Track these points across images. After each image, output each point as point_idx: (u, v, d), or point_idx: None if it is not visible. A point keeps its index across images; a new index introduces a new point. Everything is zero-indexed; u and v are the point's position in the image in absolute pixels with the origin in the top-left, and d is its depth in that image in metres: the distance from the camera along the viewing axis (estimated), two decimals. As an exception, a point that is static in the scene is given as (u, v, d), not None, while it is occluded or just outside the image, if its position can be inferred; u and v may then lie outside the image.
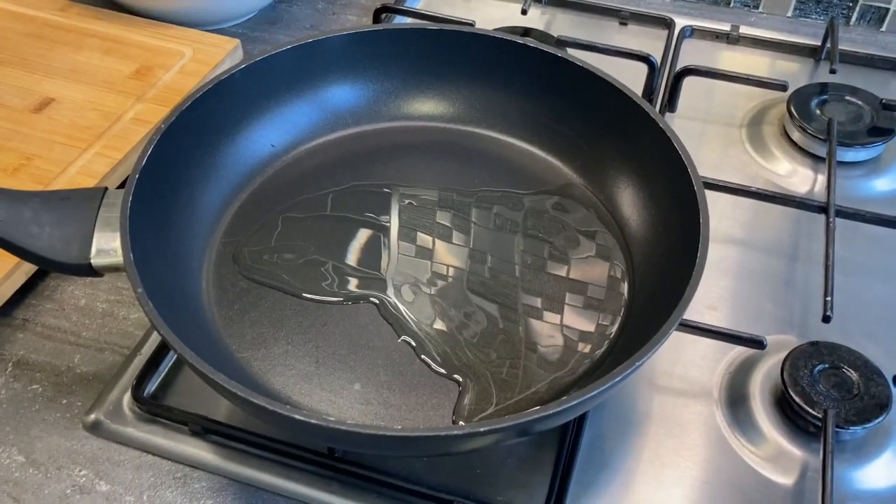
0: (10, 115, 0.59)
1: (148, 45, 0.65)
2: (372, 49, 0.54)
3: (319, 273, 0.48)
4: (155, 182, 0.45)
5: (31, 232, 0.41)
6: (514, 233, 0.50)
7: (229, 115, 0.50)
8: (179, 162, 0.47)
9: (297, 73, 0.53)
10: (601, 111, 0.52)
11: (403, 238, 0.50)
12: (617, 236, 0.50)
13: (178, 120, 0.47)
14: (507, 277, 0.48)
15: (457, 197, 0.52)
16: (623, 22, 0.74)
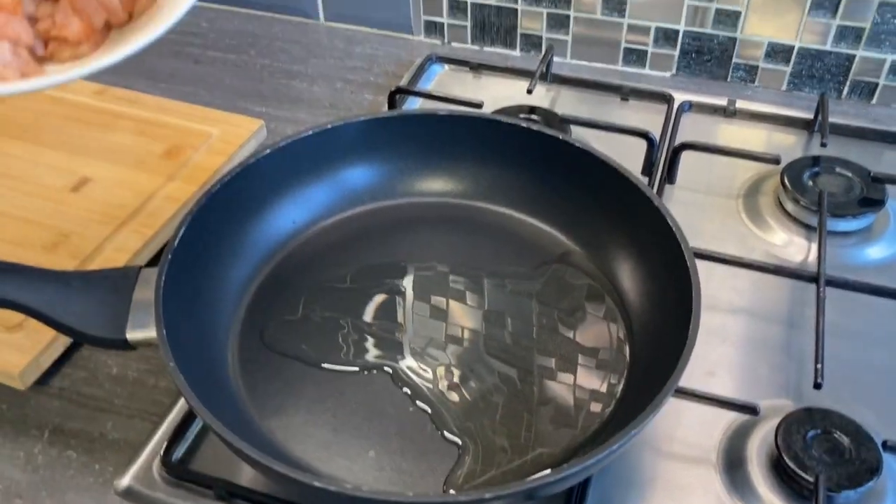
0: (50, 194, 0.63)
1: (178, 126, 0.70)
2: (386, 133, 0.58)
3: (337, 343, 0.51)
4: (186, 260, 0.48)
5: (73, 310, 0.45)
6: (521, 298, 0.54)
7: (255, 195, 0.54)
8: (208, 241, 0.51)
9: (317, 155, 0.57)
10: (600, 188, 0.56)
11: (416, 307, 0.53)
12: (617, 303, 0.53)
13: (208, 202, 0.51)
14: (517, 341, 0.51)
15: (466, 267, 0.56)
16: (624, 98, 0.78)
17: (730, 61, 0.79)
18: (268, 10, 0.92)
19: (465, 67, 0.82)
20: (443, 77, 0.82)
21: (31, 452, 0.51)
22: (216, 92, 0.81)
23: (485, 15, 0.84)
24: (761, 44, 0.77)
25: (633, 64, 0.82)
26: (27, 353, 0.52)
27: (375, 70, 0.84)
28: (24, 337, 0.53)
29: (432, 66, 0.82)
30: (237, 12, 0.93)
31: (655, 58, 0.81)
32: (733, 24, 0.77)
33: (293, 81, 0.83)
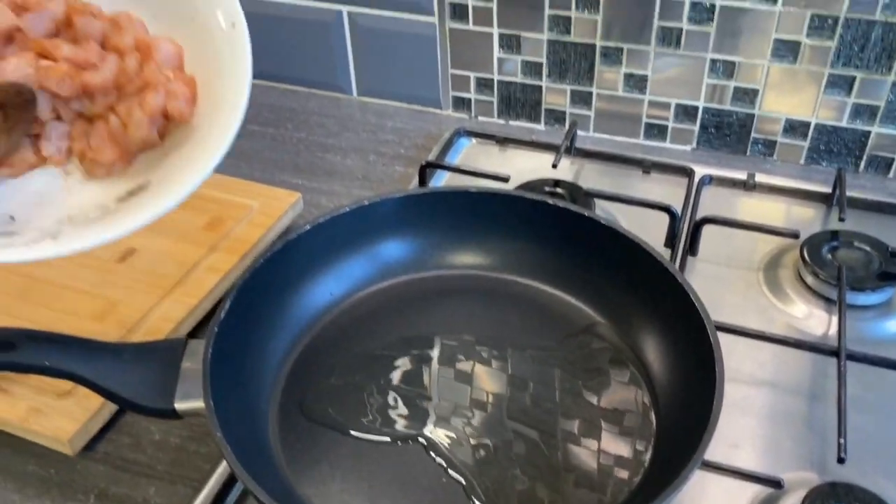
0: (99, 265, 0.66)
1: (219, 198, 0.73)
2: (420, 208, 0.62)
3: (371, 413, 0.53)
4: (230, 333, 0.51)
5: (124, 380, 0.48)
6: (547, 368, 0.55)
7: (296, 269, 0.57)
8: (251, 314, 0.54)
9: (354, 230, 0.60)
10: (625, 263, 0.58)
11: (445, 377, 0.55)
12: (642, 373, 0.55)
13: (252, 276, 0.54)
14: (544, 409, 0.53)
15: (494, 337, 0.58)
16: (646, 171, 0.81)
17: (748, 136, 0.82)
18: (304, 86, 0.96)
19: (492, 141, 0.86)
20: (470, 150, 0.86)
21: (77, 517, 0.54)
22: (255, 164, 0.84)
23: (510, 91, 0.87)
24: (779, 120, 0.80)
25: (655, 137, 0.85)
26: (76, 420, 0.55)
27: (406, 143, 0.88)
28: (74, 404, 0.55)
29: (460, 140, 0.86)
30: (275, 87, 0.97)
31: (676, 132, 0.84)
32: (751, 100, 0.80)
33: (328, 154, 0.86)
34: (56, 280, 0.65)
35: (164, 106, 0.46)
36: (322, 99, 0.95)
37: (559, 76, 0.84)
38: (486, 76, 0.87)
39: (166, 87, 0.46)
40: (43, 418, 0.55)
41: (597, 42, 0.81)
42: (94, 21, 0.46)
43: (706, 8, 0.75)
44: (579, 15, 0.79)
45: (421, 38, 0.87)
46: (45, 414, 0.55)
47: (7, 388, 0.56)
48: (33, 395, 0.56)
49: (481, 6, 0.82)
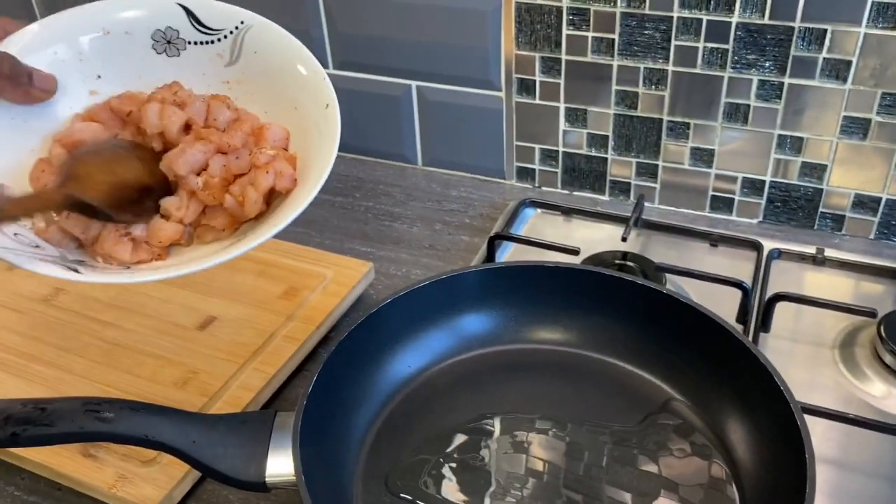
0: (180, 333, 0.68)
1: (294, 267, 0.75)
2: (495, 283, 0.63)
3: (448, 486, 0.53)
4: (317, 406, 0.52)
5: (217, 453, 0.49)
6: (629, 449, 0.55)
7: (377, 342, 0.59)
8: (336, 387, 0.55)
9: (434, 303, 0.61)
10: (702, 340, 0.58)
11: (527, 457, 0.55)
12: (724, 457, 0.55)
13: (337, 350, 0.55)
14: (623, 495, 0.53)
15: (572, 416, 0.58)
16: (713, 244, 0.82)
17: (816, 210, 0.82)
18: (371, 156, 0.99)
19: (557, 212, 0.87)
20: (535, 220, 0.87)
21: (159, 585, 0.54)
22: (325, 233, 0.87)
23: (575, 162, 0.89)
24: (847, 195, 0.80)
25: (721, 210, 0.86)
26: (162, 488, 0.55)
27: (471, 212, 0.89)
28: (159, 471, 0.57)
29: (525, 210, 0.87)
30: (343, 157, 0.99)
31: (742, 205, 0.85)
32: (819, 176, 0.80)
33: (395, 223, 0.88)
34: (137, 346, 0.67)
35: (273, 184, 0.52)
36: (389, 168, 0.98)
37: (625, 148, 0.86)
38: (551, 148, 0.89)
39: (275, 168, 0.52)
40: (129, 485, 0.56)
41: (663, 117, 0.82)
42: (227, 111, 0.54)
43: (774, 85, 0.76)
44: (646, 91, 0.81)
45: (487, 112, 0.89)
46: (130, 481, 0.56)
47: (94, 453, 0.57)
48: (119, 462, 0.57)
49: (549, 81, 0.84)
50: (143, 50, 0.57)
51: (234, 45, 0.58)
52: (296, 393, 0.66)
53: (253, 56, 0.57)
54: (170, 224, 0.52)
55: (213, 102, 0.54)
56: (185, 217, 0.52)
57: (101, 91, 0.56)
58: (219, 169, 0.52)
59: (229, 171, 0.52)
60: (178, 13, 0.57)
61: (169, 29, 0.57)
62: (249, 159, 0.53)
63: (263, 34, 0.57)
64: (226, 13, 0.58)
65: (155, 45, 0.58)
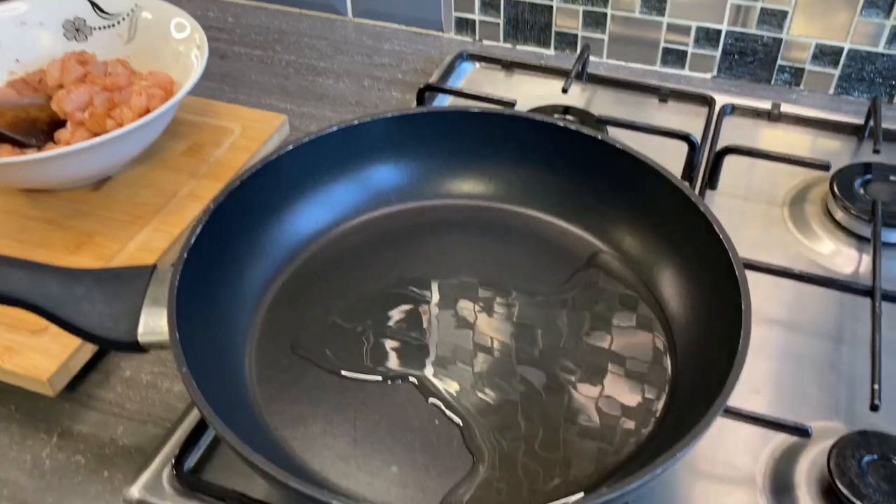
0: (70, 195, 0.61)
1: (198, 122, 0.67)
2: (414, 130, 0.56)
3: (359, 351, 0.49)
4: (202, 260, 0.46)
5: (81, 309, 0.43)
6: (555, 307, 0.51)
7: (275, 194, 0.52)
8: (227, 240, 0.49)
9: (342, 153, 0.54)
10: (641, 192, 0.53)
11: (442, 317, 0.50)
12: (658, 314, 0.50)
13: (227, 200, 0.48)
14: (548, 352, 0.48)
15: (496, 274, 0.53)
16: (663, 99, 0.75)
17: (774, 63, 0.76)
18: (295, 6, 0.90)
19: (497, 66, 0.80)
20: (473, 75, 0.80)
21: (38, 456, 0.49)
22: (241, 88, 0.79)
23: (518, 12, 0.81)
24: (808, 45, 0.74)
25: (672, 65, 0.79)
26: (55, 358, 0.50)
27: (404, 67, 0.82)
28: (50, 340, 0.51)
29: (463, 64, 0.80)
30: (264, 7, 0.91)
31: (696, 59, 0.78)
32: (779, 24, 0.73)
33: (319, 78, 0.80)
34: (21, 211, 0.60)
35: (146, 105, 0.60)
36: (314, 20, 0.89)
37: (571, -4, 0.78)
38: (491, -5, 0.81)
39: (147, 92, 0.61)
40: (18, 357, 0.50)
41: (613, -43, 0.74)
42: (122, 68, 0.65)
43: (734, -83, 0.68)
44: (594, -74, 0.73)
45: (422, -47, 0.80)
46: (19, 353, 0.50)
47: (-25, 326, 0.52)
48: (5, 333, 0.51)
49: (487, -84, 0.75)
50: (55, 37, 0.68)
51: (131, 25, 0.69)
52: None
53: (145, 31, 0.68)
54: (59, 147, 0.58)
55: (111, 62, 0.65)
56: (72, 142, 0.59)
57: (18, 72, 0.66)
58: (102, 102, 0.60)
59: (112, 104, 0.60)
60: (84, 4, 0.69)
61: (77, 18, 0.69)
62: (130, 91, 0.61)
63: (152, 10, 0.68)
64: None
65: (66, 32, 0.69)
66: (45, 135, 0.61)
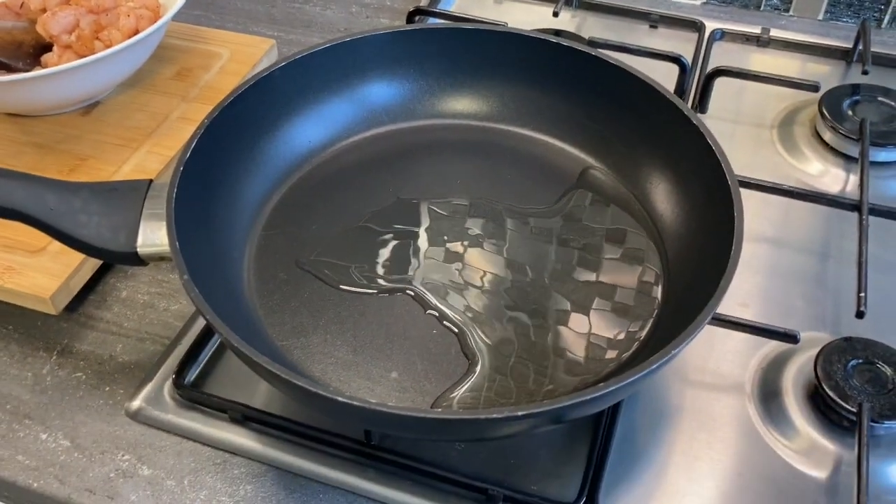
0: (59, 119, 0.61)
1: (186, 47, 0.67)
2: (408, 48, 0.55)
3: (356, 265, 0.49)
4: (198, 175, 0.46)
5: (79, 221, 0.43)
6: (546, 232, 0.51)
7: (269, 111, 0.52)
8: (221, 156, 0.48)
9: (334, 71, 0.54)
10: (634, 108, 0.53)
11: (436, 233, 0.51)
12: (651, 232, 0.51)
13: (220, 116, 0.48)
14: (541, 263, 0.49)
15: (489, 196, 0.53)
16: (653, 25, 0.75)
17: (764, -12, 0.76)
18: (280, -68, 0.88)
19: (487, -8, 0.79)
20: (462, 3, 0.79)
21: (38, 373, 0.50)
22: (227, 16, 0.77)
23: (507, -62, 0.80)
24: (798, -31, 0.74)
25: (662, -9, 0.79)
26: (56, 276, 0.50)
27: (392, -6, 0.81)
28: (50, 259, 0.51)
29: (452, -9, 0.79)
30: (248, -66, 0.89)
31: (686, -16, 0.78)
32: (770, -53, 0.73)
33: (306, 6, 0.79)
34: (12, 136, 0.60)
35: (135, 26, 0.60)
36: (300, -53, 0.87)
37: (560, -80, 0.77)
38: (480, -80, 0.79)
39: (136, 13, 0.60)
40: (18, 276, 0.50)
41: None
42: None
43: None
44: None
45: None
46: (19, 272, 0.50)
47: (-32, 247, 0.51)
48: (4, 255, 0.51)
49: None
50: None
51: None
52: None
53: None
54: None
55: None
56: (59, 65, 0.57)
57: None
58: (88, 24, 0.59)
59: (99, 26, 0.59)
60: None
61: None
62: (117, 13, 0.60)
63: None
64: None
65: None
66: (32, 58, 0.60)
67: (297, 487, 0.44)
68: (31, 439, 0.47)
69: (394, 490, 0.44)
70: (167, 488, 0.44)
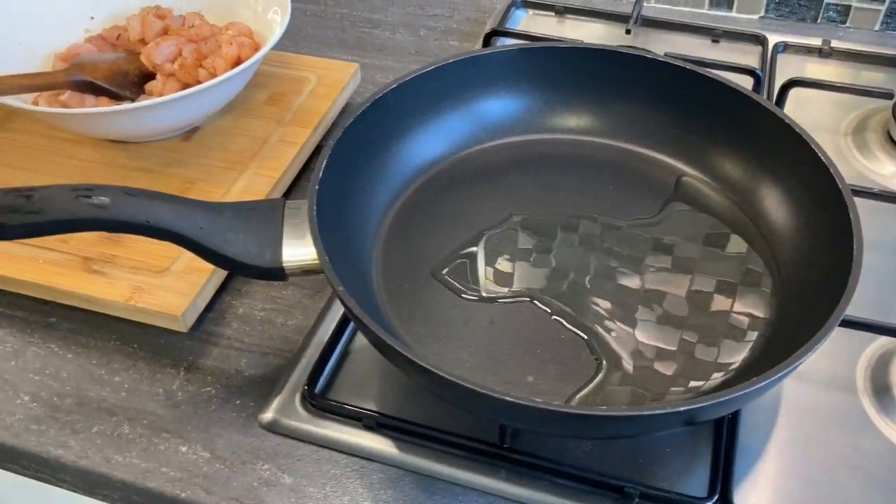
0: (163, 144, 0.63)
1: (275, 73, 0.69)
2: (529, 65, 0.58)
3: (478, 275, 0.51)
4: (328, 191, 0.48)
5: (228, 239, 0.45)
6: (655, 241, 0.53)
7: (394, 124, 0.55)
8: (348, 173, 0.51)
9: (457, 85, 0.57)
10: (732, 119, 0.55)
11: (548, 243, 0.53)
12: (759, 240, 0.53)
13: (344, 136, 0.50)
14: (657, 271, 0.51)
15: (595, 207, 0.55)
16: (715, 39, 0.78)
17: (821, 2, 0.78)
18: (341, -39, 0.91)
19: (550, 12, 0.81)
20: (527, 22, 0.81)
21: (169, 389, 0.51)
22: (301, 42, 0.80)
23: (567, -40, 0.83)
24: (855, -18, 0.76)
25: (720, 7, 0.81)
26: (184, 295, 0.52)
27: (457, 17, 0.83)
28: (176, 279, 0.53)
29: (516, 11, 0.82)
30: (309, -37, 0.91)
31: (743, 0, 0.80)
32: (828, -38, 0.75)
33: (375, 30, 0.82)
34: (119, 161, 0.62)
35: (238, 54, 0.62)
36: (362, -26, 0.90)
37: (620, -59, 0.80)
38: (540, -57, 0.82)
39: (237, 41, 0.63)
40: (148, 296, 0.52)
41: None
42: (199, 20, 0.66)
43: None
44: None
45: None
46: (148, 292, 0.52)
47: (101, 269, 0.53)
48: (130, 275, 0.53)
49: None
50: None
51: None
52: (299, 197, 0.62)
53: None
54: (152, 98, 0.60)
55: (187, 15, 0.66)
56: (164, 93, 0.60)
57: (93, 30, 0.68)
58: (190, 53, 0.62)
59: (200, 54, 0.62)
60: None
61: None
62: (217, 42, 0.63)
63: None
64: None
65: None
66: (137, 87, 0.62)
67: (436, 490, 0.46)
68: (171, 452, 0.48)
69: (530, 490, 0.45)
70: (310, 495, 0.46)
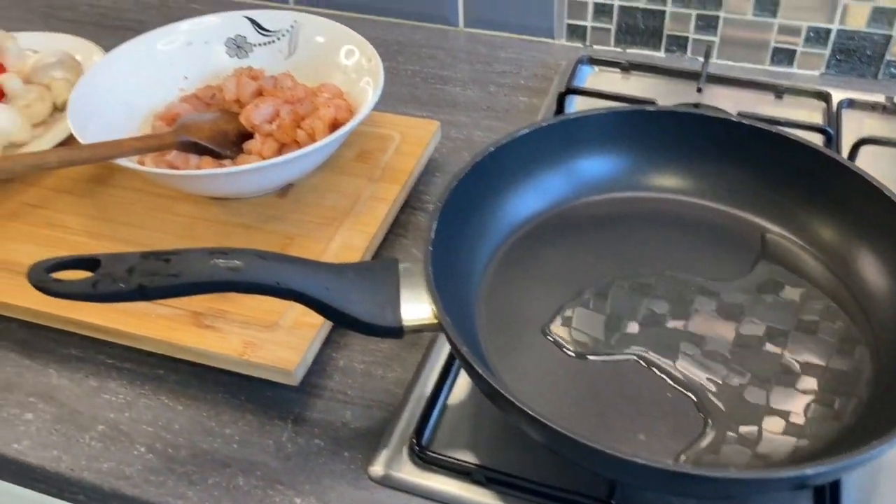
0: (259, 201, 0.65)
1: (361, 131, 0.71)
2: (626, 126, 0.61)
3: (582, 332, 0.53)
4: (438, 251, 0.50)
5: (351, 299, 0.47)
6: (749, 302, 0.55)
7: (493, 184, 0.57)
8: (453, 233, 0.52)
9: (556, 145, 0.60)
10: (813, 178, 0.57)
11: (645, 300, 0.55)
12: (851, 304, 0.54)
13: (450, 197, 0.53)
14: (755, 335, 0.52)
15: (685, 266, 0.57)
16: (779, 96, 0.80)
17: (882, 59, 0.80)
18: (408, 19, 0.94)
19: (616, 68, 0.84)
20: (593, 79, 0.84)
21: (279, 441, 0.53)
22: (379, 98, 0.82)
23: (630, 17, 0.85)
24: (916, 41, 0.78)
25: (781, 63, 0.84)
26: (295, 350, 0.54)
27: (524, 73, 0.86)
28: (286, 334, 0.55)
29: (582, 68, 0.84)
30: (378, 21, 0.95)
31: (804, 57, 0.83)
32: (889, 21, 0.78)
33: (446, 86, 0.85)
34: (219, 218, 0.64)
35: (334, 115, 0.65)
36: (428, 31, 0.93)
37: (683, 1, 0.82)
38: (605, 1, 0.85)
39: (334, 103, 0.66)
40: (260, 350, 0.54)
41: (730, -36, 0.79)
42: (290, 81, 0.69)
43: (852, -76, 0.73)
44: (714, -65, 0.77)
45: (537, -35, 0.85)
46: (260, 347, 0.54)
47: (212, 324, 0.55)
48: (241, 330, 0.55)
49: (608, -72, 0.80)
50: (219, 55, 0.74)
51: (291, 41, 0.74)
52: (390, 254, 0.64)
53: (306, 46, 0.73)
54: (251, 157, 0.64)
55: (279, 76, 0.69)
56: (263, 153, 0.64)
57: (187, 89, 0.72)
58: (288, 114, 0.65)
59: (297, 115, 0.65)
60: (244, 23, 0.74)
61: (238, 36, 0.74)
62: (313, 103, 0.66)
63: (313, 27, 0.73)
64: (281, 16, 0.74)
65: (228, 50, 0.74)
66: (236, 146, 0.65)
67: (547, 544, 0.47)
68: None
69: (638, 545, 0.47)
70: (424, 547, 0.47)
